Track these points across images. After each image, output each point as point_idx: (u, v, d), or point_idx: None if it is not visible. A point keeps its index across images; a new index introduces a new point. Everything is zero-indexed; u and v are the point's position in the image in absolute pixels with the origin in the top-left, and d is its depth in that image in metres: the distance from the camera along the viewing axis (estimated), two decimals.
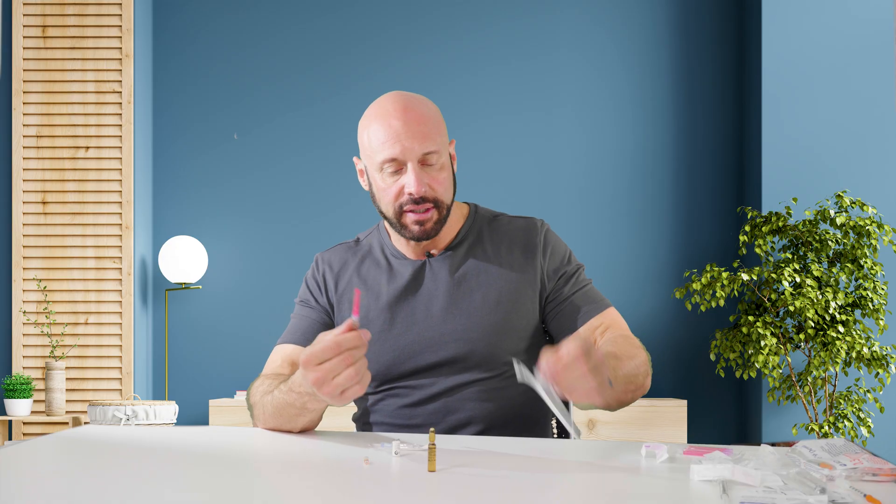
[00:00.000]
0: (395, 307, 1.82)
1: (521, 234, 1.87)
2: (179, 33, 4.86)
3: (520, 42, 4.83)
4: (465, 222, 1.89)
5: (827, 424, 4.08)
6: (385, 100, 1.79)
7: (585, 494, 1.15)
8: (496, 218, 1.92)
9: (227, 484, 1.19)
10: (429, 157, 1.74)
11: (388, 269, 1.87)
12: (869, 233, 4.14)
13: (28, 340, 4.53)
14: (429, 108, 1.78)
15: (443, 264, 1.85)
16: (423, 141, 1.73)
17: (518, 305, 1.81)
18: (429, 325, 1.80)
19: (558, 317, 1.84)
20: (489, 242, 1.87)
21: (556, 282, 1.84)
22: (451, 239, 1.87)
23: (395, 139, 1.73)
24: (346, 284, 1.88)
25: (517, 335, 1.81)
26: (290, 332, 1.88)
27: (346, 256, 1.92)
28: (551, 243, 1.87)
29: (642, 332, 4.72)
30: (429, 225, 1.78)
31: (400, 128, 1.73)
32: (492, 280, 1.82)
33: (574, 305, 1.83)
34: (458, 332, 1.79)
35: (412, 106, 1.76)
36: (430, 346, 1.79)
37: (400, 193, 1.76)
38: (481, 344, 1.78)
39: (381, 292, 1.84)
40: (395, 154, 1.73)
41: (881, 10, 4.55)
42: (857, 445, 1.29)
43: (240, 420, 4.33)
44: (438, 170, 1.77)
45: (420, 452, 1.39)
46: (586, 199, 4.79)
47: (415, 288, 1.83)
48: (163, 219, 4.83)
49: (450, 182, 1.80)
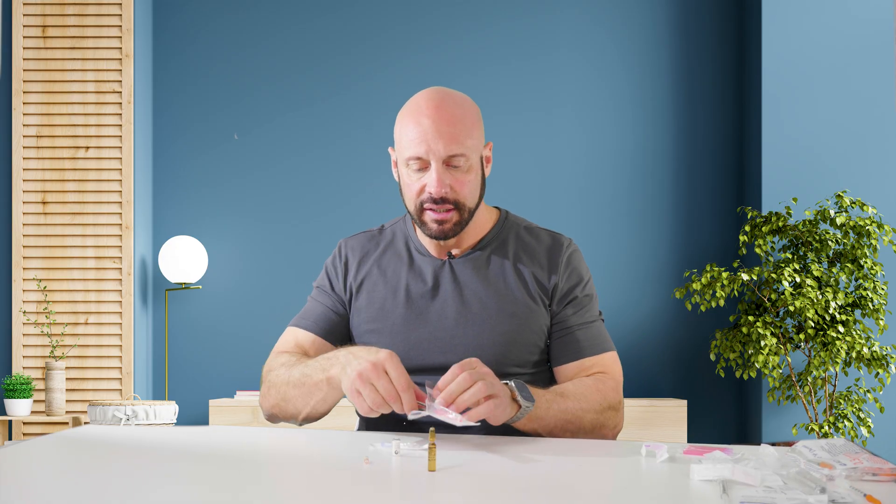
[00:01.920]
0: (411, 303, 1.82)
1: (546, 250, 1.85)
2: (179, 33, 4.86)
3: (520, 42, 4.83)
4: (492, 227, 1.88)
5: (827, 424, 4.08)
6: (421, 96, 1.77)
7: (585, 494, 1.15)
8: (525, 228, 1.90)
9: (228, 484, 1.18)
10: (454, 159, 1.73)
11: (409, 262, 1.86)
12: (869, 233, 4.14)
13: (28, 340, 4.53)
14: (463, 109, 1.76)
15: (463, 267, 1.84)
16: (449, 142, 1.72)
17: (532, 320, 1.80)
18: (441, 327, 1.80)
19: (557, 343, 1.83)
20: (513, 251, 1.85)
21: (564, 306, 1.83)
22: (476, 242, 1.86)
23: (422, 138, 1.72)
24: (366, 273, 1.87)
25: (527, 348, 1.80)
26: (304, 315, 1.90)
27: (369, 246, 1.91)
28: (573, 265, 1.85)
29: (642, 332, 4.72)
30: (447, 226, 1.77)
31: (429, 126, 1.72)
32: (510, 290, 1.81)
33: (574, 339, 1.81)
34: (469, 339, 1.78)
35: (446, 105, 1.74)
36: (440, 348, 1.79)
37: (421, 191, 1.76)
38: (490, 352, 1.77)
39: (399, 285, 1.84)
40: (419, 153, 1.73)
41: (881, 10, 4.55)
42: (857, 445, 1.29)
43: (240, 420, 4.33)
44: (464, 172, 1.75)
45: (420, 452, 1.39)
46: (586, 199, 4.79)
47: (433, 287, 1.83)
48: (163, 219, 4.83)
49: (476, 185, 1.79)
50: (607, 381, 1.78)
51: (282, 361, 1.78)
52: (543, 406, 1.62)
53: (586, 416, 1.69)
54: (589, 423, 1.70)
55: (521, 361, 1.79)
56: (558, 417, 1.65)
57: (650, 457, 1.36)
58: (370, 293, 1.86)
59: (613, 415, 1.74)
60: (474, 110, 1.79)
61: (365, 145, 4.75)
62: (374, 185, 4.70)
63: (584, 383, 1.74)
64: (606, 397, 1.74)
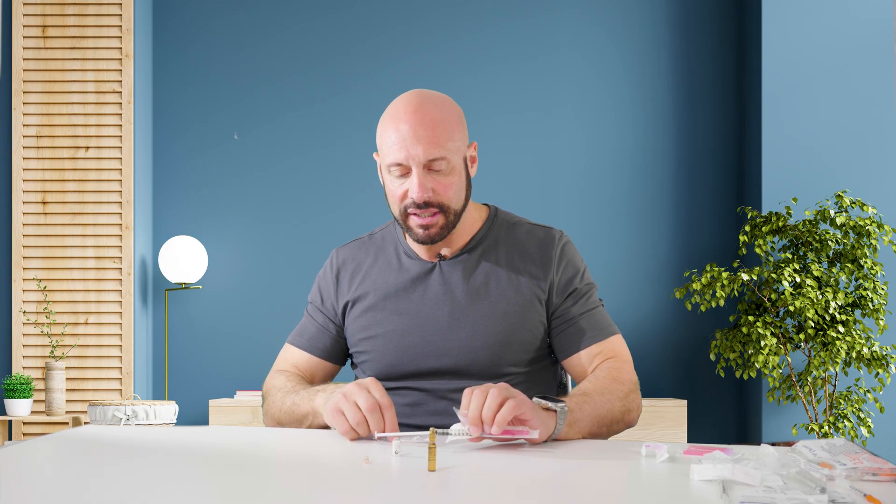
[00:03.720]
0: (403, 307, 1.82)
1: (538, 245, 1.84)
2: (179, 33, 4.86)
3: (520, 42, 4.83)
4: (482, 226, 1.86)
5: (827, 424, 4.08)
6: (400, 101, 1.76)
7: (585, 494, 1.15)
8: (516, 224, 1.88)
9: (228, 484, 1.19)
10: (434, 162, 1.72)
11: (399, 267, 1.85)
12: (869, 233, 4.14)
13: (28, 340, 4.53)
14: (442, 111, 1.74)
15: (454, 268, 1.82)
16: (428, 146, 1.71)
17: (525, 318, 1.79)
18: (434, 330, 1.79)
19: (561, 336, 1.82)
20: (504, 249, 1.84)
21: (564, 298, 1.82)
22: (466, 242, 1.84)
23: (401, 143, 1.71)
24: (357, 284, 1.87)
25: (522, 348, 1.79)
26: (300, 333, 1.94)
27: (360, 255, 1.91)
28: (567, 257, 1.84)
29: (642, 332, 4.72)
30: (433, 230, 1.76)
31: (407, 132, 1.71)
32: (502, 289, 1.80)
33: (579, 328, 1.80)
34: (462, 341, 1.77)
35: (424, 108, 1.72)
36: (434, 351, 1.78)
37: (404, 196, 1.75)
38: (484, 354, 1.76)
39: (390, 291, 1.83)
40: (399, 159, 1.72)
41: (881, 10, 4.55)
42: (857, 445, 1.29)
43: (240, 420, 4.33)
44: (446, 175, 1.74)
45: (420, 452, 1.39)
46: (586, 199, 4.79)
47: (423, 290, 1.82)
48: (163, 219, 4.83)
49: (460, 187, 1.77)
50: (620, 366, 1.77)
51: (278, 386, 1.83)
52: (576, 409, 1.59)
53: (615, 406, 1.68)
54: (619, 411, 1.68)
55: (516, 361, 1.78)
56: (593, 415, 1.62)
57: (650, 457, 1.36)
58: (362, 303, 1.85)
59: (635, 396, 1.74)
60: (454, 111, 1.77)
61: (365, 145, 4.75)
62: (373, 185, 4.70)
63: (599, 377, 1.73)
64: (624, 382, 1.73)
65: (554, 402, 1.52)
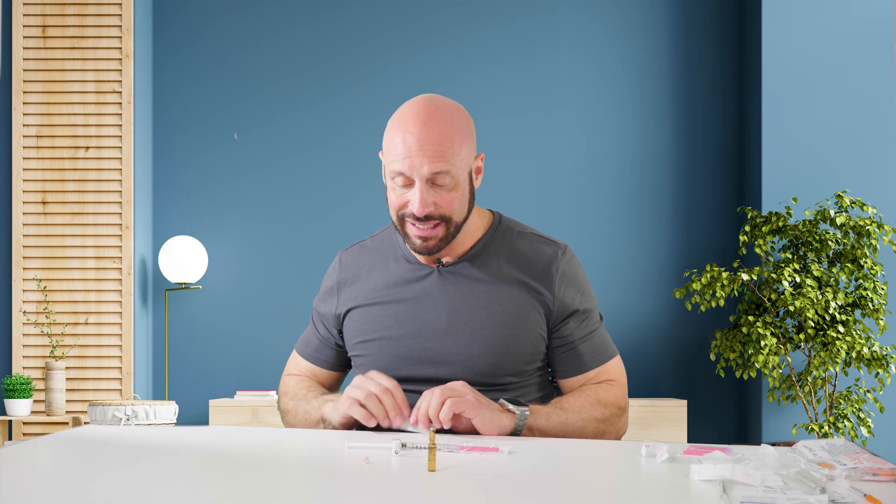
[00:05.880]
0: (400, 312, 1.80)
1: (541, 259, 1.80)
2: (179, 33, 4.86)
3: (520, 42, 4.83)
4: (484, 234, 1.83)
5: (827, 424, 4.08)
6: (410, 108, 1.72)
7: (585, 494, 1.15)
8: (520, 234, 1.84)
9: (227, 484, 1.19)
10: (438, 177, 1.69)
11: (399, 272, 1.83)
12: (869, 233, 4.14)
13: (28, 340, 4.53)
14: (451, 125, 1.70)
15: (453, 276, 1.79)
16: (434, 160, 1.67)
17: (524, 330, 1.76)
18: (431, 337, 1.77)
19: (559, 358, 1.81)
20: (506, 259, 1.80)
21: (565, 318, 1.79)
22: (467, 249, 1.81)
23: (406, 154, 1.68)
24: (358, 290, 1.86)
25: (520, 358, 1.76)
26: (304, 343, 1.98)
27: (362, 259, 1.89)
28: (570, 274, 1.80)
29: (642, 332, 4.72)
30: (431, 242, 1.73)
31: (413, 144, 1.67)
32: (502, 299, 1.76)
33: (577, 353, 1.80)
34: (460, 349, 1.75)
35: (433, 120, 1.68)
36: (431, 358, 1.76)
37: (404, 206, 1.72)
38: (482, 363, 1.74)
39: (388, 297, 1.82)
40: (403, 170, 1.69)
41: (881, 10, 4.55)
42: (857, 445, 1.29)
43: (240, 420, 4.33)
44: (449, 189, 1.70)
45: (420, 452, 1.38)
46: (586, 199, 4.79)
47: (422, 296, 1.79)
48: (163, 219, 4.83)
49: (463, 201, 1.74)
50: (611, 389, 1.78)
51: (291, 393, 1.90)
52: (543, 419, 1.66)
53: (588, 427, 1.71)
54: (591, 432, 1.72)
55: (515, 371, 1.76)
56: (558, 430, 1.67)
57: (650, 457, 1.36)
58: (360, 307, 1.85)
59: (616, 420, 1.76)
60: (464, 124, 1.73)
61: (365, 145, 4.75)
62: (373, 184, 4.70)
63: (585, 394, 1.76)
64: (607, 406, 1.75)
65: (517, 406, 1.60)
